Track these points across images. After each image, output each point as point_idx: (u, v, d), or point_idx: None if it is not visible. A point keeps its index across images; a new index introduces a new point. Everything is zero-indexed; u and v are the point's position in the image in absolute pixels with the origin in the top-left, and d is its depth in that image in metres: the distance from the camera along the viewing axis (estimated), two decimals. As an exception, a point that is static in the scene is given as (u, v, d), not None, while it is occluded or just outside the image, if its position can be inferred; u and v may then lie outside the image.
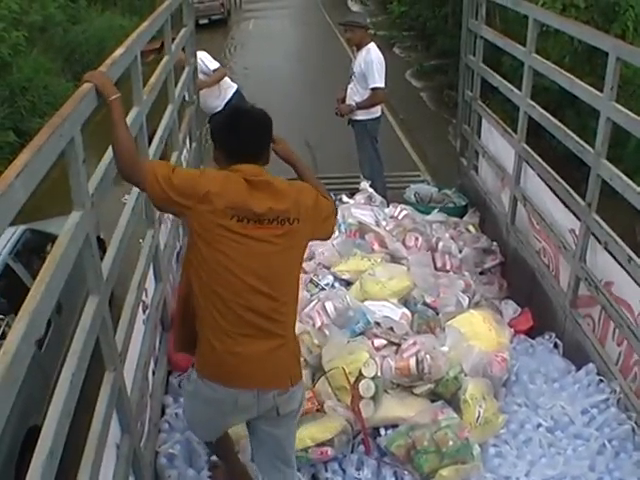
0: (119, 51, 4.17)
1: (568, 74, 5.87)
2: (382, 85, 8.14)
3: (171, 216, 5.85)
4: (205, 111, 8.79)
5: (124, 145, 3.42)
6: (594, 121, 5.34)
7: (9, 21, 17.50)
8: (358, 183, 8.03)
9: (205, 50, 8.66)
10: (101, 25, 24.55)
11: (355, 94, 8.32)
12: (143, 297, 4.67)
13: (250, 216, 3.42)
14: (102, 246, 5.95)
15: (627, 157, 9.55)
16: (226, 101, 8.73)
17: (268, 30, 32.17)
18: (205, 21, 31.21)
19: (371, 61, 8.07)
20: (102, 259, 3.56)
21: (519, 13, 7.21)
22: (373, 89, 8.11)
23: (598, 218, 5.24)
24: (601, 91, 5.11)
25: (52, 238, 7.47)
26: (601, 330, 5.43)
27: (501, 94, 7.43)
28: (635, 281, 4.81)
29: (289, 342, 3.63)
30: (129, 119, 4.21)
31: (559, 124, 5.98)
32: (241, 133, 3.60)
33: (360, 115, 8.35)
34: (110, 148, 3.57)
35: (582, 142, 5.51)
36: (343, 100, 8.59)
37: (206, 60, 8.67)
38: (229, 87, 8.92)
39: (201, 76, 8.46)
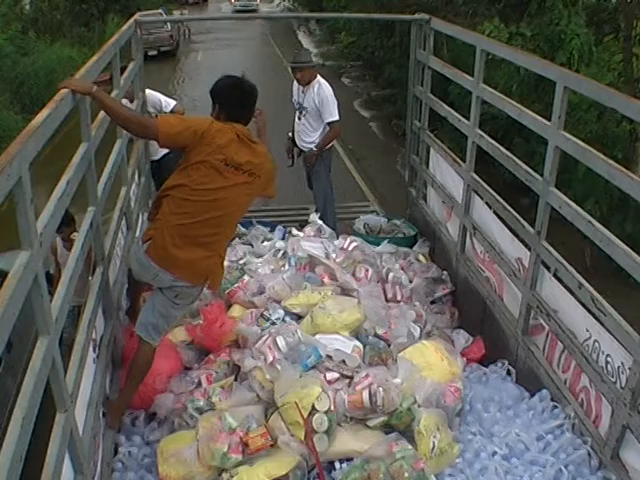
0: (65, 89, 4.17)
1: (516, 104, 5.92)
2: (337, 118, 8.20)
3: (119, 253, 5.92)
4: (151, 153, 8.72)
5: (127, 119, 4.64)
6: (542, 147, 5.39)
7: None
8: (307, 215, 8.01)
9: (154, 82, 8.59)
10: (50, 57, 24.64)
11: (308, 129, 8.35)
12: (93, 335, 4.59)
13: (232, 163, 4.74)
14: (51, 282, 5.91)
15: (575, 184, 9.67)
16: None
17: (217, 62, 32.41)
18: (154, 52, 31.84)
19: (325, 96, 8.12)
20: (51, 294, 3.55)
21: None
22: (330, 123, 8.16)
23: (548, 245, 5.28)
24: (549, 119, 5.17)
25: (2, 274, 7.38)
26: (547, 358, 5.48)
27: (449, 123, 7.47)
28: (585, 307, 4.85)
29: (215, 257, 4.99)
30: (77, 155, 4.31)
31: (508, 153, 6.01)
32: (244, 100, 4.99)
33: (314, 146, 8.37)
34: (60, 183, 3.84)
35: (531, 171, 5.55)
36: (291, 150, 8.72)
37: (163, 100, 8.61)
38: None
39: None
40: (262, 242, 7.43)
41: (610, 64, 14.02)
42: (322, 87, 8.18)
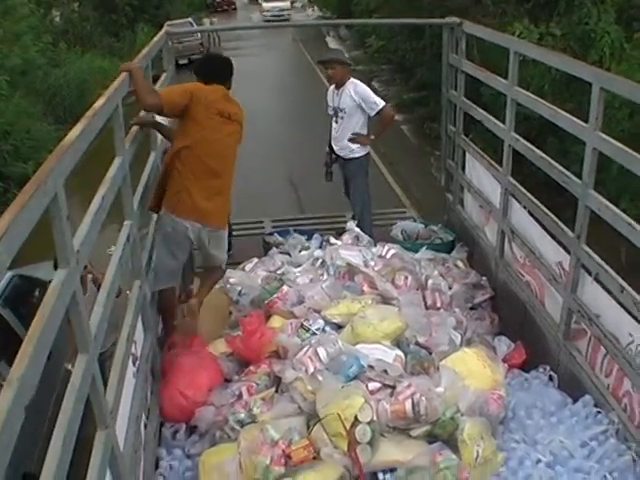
0: (100, 102, 4.23)
1: (551, 106, 5.89)
2: (384, 103, 8.22)
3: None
4: None
5: (143, 94, 5.38)
6: (576, 146, 5.35)
7: None
8: (344, 222, 8.01)
9: None
10: (81, 68, 25.11)
11: (348, 130, 8.28)
12: (132, 349, 4.62)
13: (225, 114, 5.91)
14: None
15: (609, 182, 9.59)
16: None
17: (248, 68, 31.49)
18: (185, 61, 31.37)
19: (364, 90, 8.15)
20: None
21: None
22: (380, 111, 8.14)
23: (588, 249, 5.24)
24: (584, 120, 5.13)
25: (40, 283, 7.50)
26: (589, 362, 5.42)
27: (482, 125, 7.44)
28: (627, 311, 4.80)
29: (226, 200, 6.19)
30: (112, 169, 4.37)
31: (545, 157, 5.97)
32: (225, 66, 6.39)
33: (356, 152, 8.34)
34: (95, 198, 3.93)
35: (569, 174, 5.51)
36: (329, 164, 8.71)
37: None
38: None
39: None
40: (300, 251, 7.46)
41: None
42: (358, 85, 8.18)
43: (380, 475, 4.56)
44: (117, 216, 4.88)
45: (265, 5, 58.73)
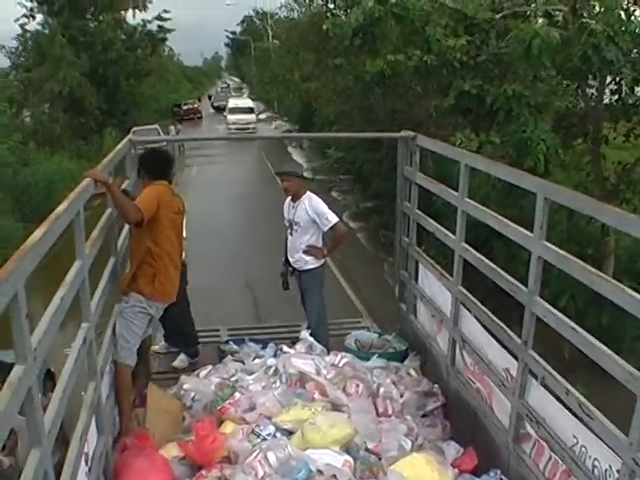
0: (62, 207, 4.39)
1: (499, 216, 6.09)
2: (337, 219, 8.32)
3: (112, 370, 6.13)
4: None
5: (127, 210, 6.22)
6: (521, 252, 5.53)
7: None
8: (299, 332, 8.04)
9: None
10: (50, 168, 25.83)
11: (302, 244, 8.42)
12: (85, 449, 4.63)
13: (177, 211, 6.96)
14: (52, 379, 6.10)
15: (551, 281, 9.76)
16: None
17: (211, 177, 35.10)
18: None
19: (318, 205, 8.25)
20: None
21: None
22: (333, 227, 8.25)
23: (535, 354, 5.36)
24: (527, 227, 5.34)
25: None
26: (536, 465, 5.47)
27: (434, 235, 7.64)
28: (572, 413, 4.90)
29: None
30: (71, 273, 4.48)
31: (493, 266, 6.14)
32: (168, 164, 7.26)
33: (310, 264, 8.44)
34: (54, 299, 4.05)
35: (516, 282, 5.68)
36: (285, 274, 8.82)
37: None
38: None
39: None
40: (253, 359, 7.50)
41: (579, 165, 15.42)
42: (313, 199, 8.31)
43: None
44: (77, 316, 5.00)
45: (230, 117, 56.31)
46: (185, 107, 68.42)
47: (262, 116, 62.88)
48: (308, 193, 8.40)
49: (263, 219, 21.38)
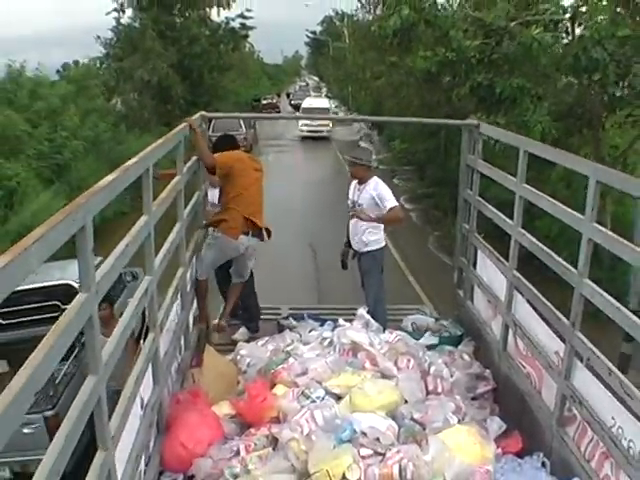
0: (132, 160, 4.64)
1: (553, 200, 6.19)
2: (396, 203, 8.51)
3: (173, 327, 6.33)
4: None
5: (205, 155, 7.87)
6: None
7: (70, 131, 25.28)
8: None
9: None
10: (139, 146, 26.95)
11: (362, 226, 8.60)
12: (141, 393, 4.89)
13: (252, 168, 8.31)
14: None
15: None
16: None
17: (286, 162, 39.89)
18: None
19: (383, 188, 8.49)
20: None
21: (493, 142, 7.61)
22: (390, 209, 8.41)
23: (581, 336, 5.44)
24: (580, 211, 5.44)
25: None
26: (578, 446, 5.56)
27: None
28: (612, 393, 4.99)
29: (262, 217, 8.33)
30: (137, 225, 4.75)
31: (547, 250, 6.24)
32: (235, 145, 8.73)
33: (370, 246, 8.65)
34: (119, 244, 4.33)
35: (567, 265, 5.77)
36: (345, 255, 9.13)
37: None
38: None
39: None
40: (310, 331, 7.70)
41: (582, 149, 17.37)
42: (379, 183, 8.54)
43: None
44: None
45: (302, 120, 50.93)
46: (264, 102, 68.97)
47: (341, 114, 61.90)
48: (375, 177, 8.60)
49: (329, 200, 24.72)
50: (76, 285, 8.67)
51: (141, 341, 5.99)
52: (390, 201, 8.42)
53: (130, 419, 4.47)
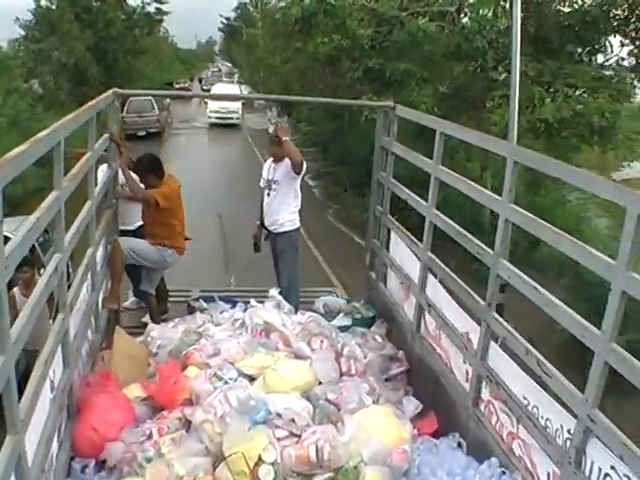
0: (43, 132, 4.46)
1: (469, 181, 6.18)
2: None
3: (83, 308, 6.13)
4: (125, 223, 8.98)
5: (136, 192, 8.21)
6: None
7: None
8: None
9: None
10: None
11: (278, 204, 8.53)
12: (51, 376, 4.67)
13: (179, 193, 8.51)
14: None
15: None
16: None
17: (198, 143, 41.79)
18: (143, 133, 38.87)
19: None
20: None
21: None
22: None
23: (497, 316, 5.46)
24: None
25: None
26: (494, 426, 5.57)
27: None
28: (526, 373, 5.00)
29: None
30: (47, 201, 4.55)
31: (462, 230, 6.23)
32: (159, 163, 8.58)
33: (285, 226, 8.54)
34: (29, 220, 4.14)
35: (483, 245, 5.78)
36: (258, 237, 9.03)
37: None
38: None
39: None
40: (221, 313, 7.54)
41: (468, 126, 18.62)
42: None
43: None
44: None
45: (211, 105, 49.51)
46: (177, 86, 68.98)
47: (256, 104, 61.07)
48: None
49: (238, 178, 27.42)
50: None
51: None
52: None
53: (40, 402, 4.27)
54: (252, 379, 5.86)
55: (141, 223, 8.88)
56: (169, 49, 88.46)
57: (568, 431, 4.48)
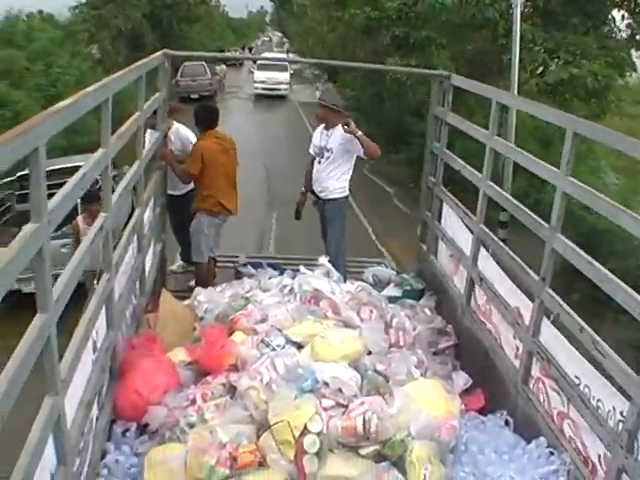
0: (92, 87, 4.39)
1: (527, 154, 6.03)
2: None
3: (129, 270, 6.10)
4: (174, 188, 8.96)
5: (183, 178, 8.56)
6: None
7: (62, 69, 29.12)
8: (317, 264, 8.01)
9: (193, 119, 8.80)
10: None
11: (330, 172, 8.39)
12: (94, 337, 4.63)
13: (222, 150, 8.54)
14: None
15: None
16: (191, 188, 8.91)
17: (247, 107, 44.51)
18: (196, 96, 40.69)
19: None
20: None
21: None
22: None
23: (551, 292, 5.32)
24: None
25: None
26: (544, 405, 5.47)
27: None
28: (580, 352, 4.89)
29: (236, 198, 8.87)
30: (95, 156, 4.55)
31: (517, 203, 6.10)
32: (215, 117, 8.81)
33: (336, 193, 8.41)
34: (76, 174, 4.09)
35: (539, 219, 5.64)
36: (302, 204, 8.98)
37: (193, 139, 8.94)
38: None
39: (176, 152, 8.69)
40: (269, 279, 7.50)
41: None
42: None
43: (325, 490, 4.53)
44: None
45: (257, 75, 48.15)
46: (228, 54, 69.71)
47: (307, 73, 60.58)
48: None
49: (283, 137, 31.96)
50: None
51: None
52: (358, 147, 8.11)
53: (82, 362, 4.21)
54: (300, 347, 5.78)
55: (189, 189, 8.89)
56: (220, 18, 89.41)
57: (621, 413, 4.37)
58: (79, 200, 4.23)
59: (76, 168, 4.13)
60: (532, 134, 19.64)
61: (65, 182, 3.81)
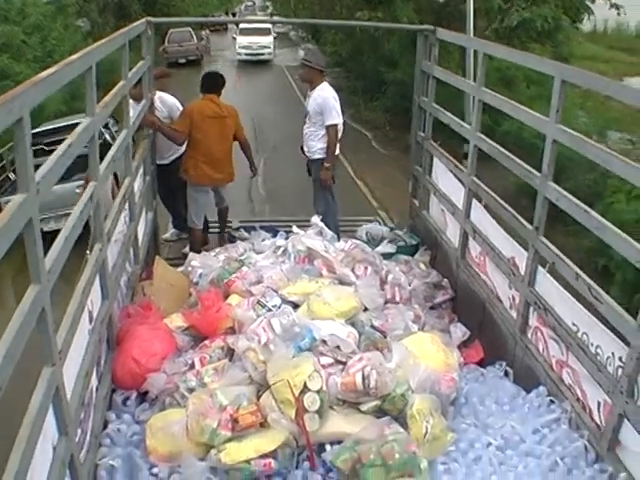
0: (75, 55, 4.33)
1: (514, 102, 6.00)
2: (336, 122, 8.26)
3: (121, 238, 6.04)
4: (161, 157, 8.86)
5: (175, 140, 8.35)
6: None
7: (57, 41, 30.32)
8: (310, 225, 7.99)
9: (183, 84, 8.91)
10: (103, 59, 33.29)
11: (310, 134, 8.42)
12: (89, 307, 4.59)
13: (212, 115, 8.29)
14: None
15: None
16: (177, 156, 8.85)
17: (232, 69, 42.61)
18: (183, 60, 42.40)
19: (325, 98, 8.22)
20: None
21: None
22: (327, 127, 8.21)
23: (545, 240, 5.30)
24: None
25: None
26: (543, 354, 5.48)
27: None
28: (577, 299, 4.90)
29: (230, 166, 8.66)
30: (80, 127, 4.42)
31: (507, 153, 6.06)
32: (217, 82, 8.63)
33: (318, 154, 8.41)
34: (62, 145, 4.00)
35: (530, 168, 5.61)
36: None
37: (178, 107, 8.88)
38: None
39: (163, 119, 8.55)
40: (263, 241, 7.49)
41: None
42: (324, 90, 8.28)
43: (327, 446, 4.52)
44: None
45: (240, 40, 45.93)
46: (211, 18, 69.94)
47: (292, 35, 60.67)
48: (323, 83, 8.34)
49: (269, 93, 33.12)
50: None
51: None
52: (330, 117, 8.24)
53: (78, 333, 4.17)
54: (296, 306, 5.76)
55: (175, 157, 8.84)
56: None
57: (620, 359, 4.38)
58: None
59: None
60: (493, 75, 19.44)
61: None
